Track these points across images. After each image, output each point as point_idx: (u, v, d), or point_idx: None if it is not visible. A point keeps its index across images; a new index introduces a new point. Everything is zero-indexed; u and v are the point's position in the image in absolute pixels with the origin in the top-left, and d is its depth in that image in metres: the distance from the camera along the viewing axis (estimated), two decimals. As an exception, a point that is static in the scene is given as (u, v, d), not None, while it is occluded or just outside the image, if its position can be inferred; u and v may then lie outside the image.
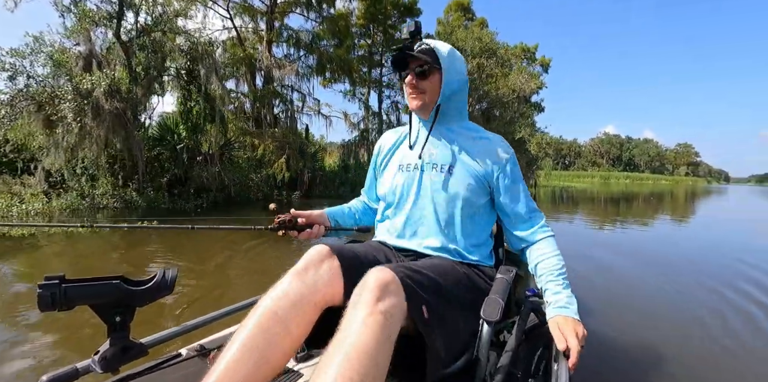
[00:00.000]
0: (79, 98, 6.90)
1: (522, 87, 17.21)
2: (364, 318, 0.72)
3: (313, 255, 0.94)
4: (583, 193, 22.63)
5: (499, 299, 0.94)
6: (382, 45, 19.72)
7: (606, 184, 49.63)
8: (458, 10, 20.74)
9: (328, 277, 0.90)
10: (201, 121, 10.44)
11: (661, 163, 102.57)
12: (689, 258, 4.90)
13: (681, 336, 2.45)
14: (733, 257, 4.86)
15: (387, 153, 1.32)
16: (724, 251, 5.40)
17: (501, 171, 1.16)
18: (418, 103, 1.17)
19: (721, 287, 3.46)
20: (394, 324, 0.75)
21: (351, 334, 0.70)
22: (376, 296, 0.74)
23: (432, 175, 1.16)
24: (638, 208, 13.73)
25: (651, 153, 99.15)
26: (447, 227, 1.15)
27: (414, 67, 1.14)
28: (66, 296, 0.71)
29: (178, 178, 10.15)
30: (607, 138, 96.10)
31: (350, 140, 20.68)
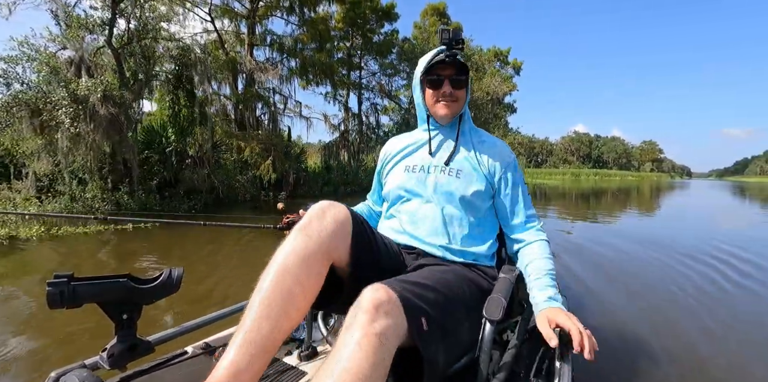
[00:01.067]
0: (74, 104, 7.09)
1: (495, 89, 17.99)
2: (359, 340, 0.70)
3: (315, 209, 0.96)
4: (555, 189, 23.73)
5: (501, 297, 0.94)
6: (361, 48, 20.20)
7: (577, 180, 51.53)
8: (434, 14, 21.48)
9: (332, 227, 0.91)
10: (189, 124, 10.65)
11: (627, 160, 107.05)
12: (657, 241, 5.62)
13: (676, 325, 2.56)
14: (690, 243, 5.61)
15: (393, 158, 1.35)
16: (677, 238, 6.15)
17: (503, 174, 1.20)
18: (450, 112, 1.21)
19: (692, 262, 4.24)
20: (390, 347, 0.73)
21: (344, 358, 0.68)
22: (371, 318, 0.72)
23: (438, 176, 1.20)
24: (606, 203, 14.73)
25: (618, 150, 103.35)
26: (451, 226, 1.17)
27: (450, 75, 1.17)
28: (75, 293, 0.72)
29: (168, 181, 10.35)
30: (577, 136, 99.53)
31: (331, 141, 21.06)
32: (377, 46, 19.99)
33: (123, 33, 8.30)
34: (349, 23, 18.49)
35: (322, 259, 0.88)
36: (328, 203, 0.97)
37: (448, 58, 1.13)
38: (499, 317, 0.88)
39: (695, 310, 2.90)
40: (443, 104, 1.20)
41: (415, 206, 1.20)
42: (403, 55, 20.23)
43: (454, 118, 1.24)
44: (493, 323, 0.90)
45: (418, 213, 1.19)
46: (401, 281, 0.86)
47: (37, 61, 7.32)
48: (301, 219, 0.93)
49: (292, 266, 0.83)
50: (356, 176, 18.86)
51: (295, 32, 16.14)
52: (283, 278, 0.82)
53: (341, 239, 0.93)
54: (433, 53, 1.18)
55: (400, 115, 22.94)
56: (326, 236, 0.89)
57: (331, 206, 0.96)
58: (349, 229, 0.95)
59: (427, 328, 0.81)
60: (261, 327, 0.76)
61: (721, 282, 3.62)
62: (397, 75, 21.65)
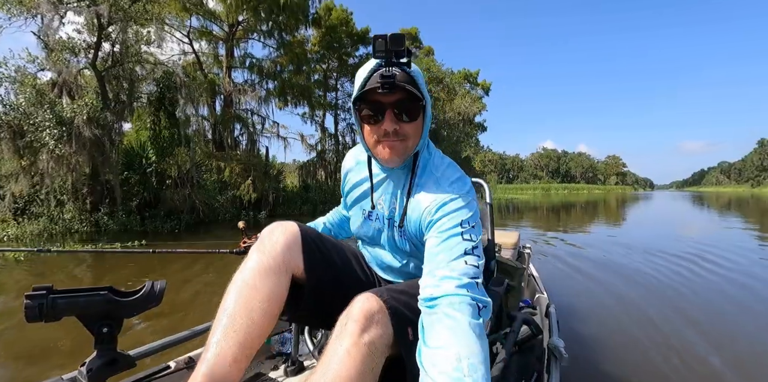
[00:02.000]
0: (59, 126, 7.20)
1: (466, 110, 18.87)
2: (348, 349, 0.70)
3: (266, 230, 0.98)
4: (527, 204, 24.60)
5: None
6: (337, 70, 20.86)
7: (547, 195, 53.31)
8: (407, 39, 22.48)
9: (282, 241, 0.93)
10: (169, 145, 10.78)
11: (594, 174, 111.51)
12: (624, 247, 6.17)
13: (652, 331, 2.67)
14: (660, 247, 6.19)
15: (351, 185, 1.15)
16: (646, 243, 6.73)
17: (437, 219, 0.88)
18: (396, 155, 0.91)
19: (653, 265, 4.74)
20: (378, 356, 0.73)
21: (334, 365, 0.68)
22: (362, 327, 0.72)
23: (394, 232, 1.02)
24: (576, 215, 15.53)
25: (585, 165, 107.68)
26: (418, 272, 0.89)
27: (392, 102, 0.85)
28: (54, 306, 0.71)
29: (148, 202, 10.37)
30: (546, 152, 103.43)
31: (308, 161, 21.35)
32: (352, 68, 20.69)
33: (107, 56, 8.50)
34: (325, 47, 19.13)
35: (279, 272, 0.89)
36: (277, 223, 0.99)
37: (384, 81, 0.79)
38: (487, 331, 0.83)
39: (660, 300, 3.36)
40: (386, 145, 0.89)
41: (379, 254, 1.12)
42: (378, 78, 20.96)
43: (407, 159, 0.94)
44: None
45: (383, 261, 1.11)
46: (390, 290, 0.84)
47: (19, 83, 7.41)
48: (256, 242, 0.96)
49: (250, 279, 0.86)
50: (333, 195, 19.16)
51: (272, 54, 16.66)
52: (241, 292, 0.84)
53: (294, 252, 0.94)
54: (367, 71, 0.84)
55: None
56: (278, 250, 0.91)
57: (279, 225, 0.98)
58: (299, 241, 0.95)
59: (412, 338, 0.77)
60: (228, 338, 0.78)
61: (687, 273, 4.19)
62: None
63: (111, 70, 8.47)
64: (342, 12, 19.36)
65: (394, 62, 0.79)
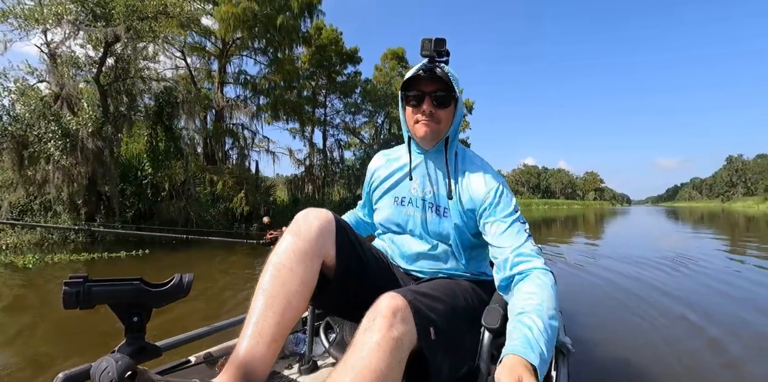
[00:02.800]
0: (64, 138, 7.40)
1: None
2: (378, 341, 0.73)
3: (300, 214, 1.01)
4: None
5: (499, 307, 0.94)
6: (326, 87, 21.42)
7: (528, 210, 54.37)
8: (393, 58, 23.32)
9: (317, 226, 0.96)
10: (165, 158, 10.98)
11: (573, 190, 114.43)
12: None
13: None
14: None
15: (381, 179, 1.27)
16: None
17: (489, 204, 1.07)
18: (430, 130, 1.07)
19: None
20: (404, 350, 0.76)
21: (364, 356, 0.72)
22: (389, 323, 0.76)
23: (427, 214, 1.14)
24: (557, 230, 16.17)
25: (564, 181, 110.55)
26: (445, 260, 1.16)
27: (432, 91, 1.05)
28: (89, 294, 0.74)
29: (143, 213, 10.47)
30: (526, 169, 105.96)
31: (297, 175, 21.62)
32: (341, 85, 21.30)
33: (110, 71, 8.77)
34: (315, 64, 19.70)
35: (313, 255, 0.93)
36: (311, 209, 1.03)
37: (425, 72, 1.02)
38: (497, 325, 0.89)
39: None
40: (423, 124, 1.07)
41: (406, 241, 1.18)
42: (366, 96, 21.62)
43: (439, 143, 1.11)
44: (492, 332, 0.91)
45: (411, 248, 1.17)
46: (413, 292, 0.89)
47: (21, 94, 7.60)
48: (290, 224, 0.99)
49: (286, 261, 0.90)
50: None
51: (263, 71, 17.10)
52: (279, 273, 0.88)
53: (327, 238, 0.97)
54: (416, 67, 1.05)
55: (362, 150, 24.00)
56: (313, 234, 0.94)
57: (313, 210, 1.01)
58: (332, 228, 1.00)
59: (434, 337, 0.84)
60: (267, 318, 0.83)
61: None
62: (359, 113, 22.92)
63: (113, 85, 8.73)
64: (332, 32, 20.04)
65: (436, 60, 1.01)
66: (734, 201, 68.22)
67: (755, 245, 8.15)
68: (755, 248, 7.60)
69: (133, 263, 6.26)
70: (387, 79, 21.16)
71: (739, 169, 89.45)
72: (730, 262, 5.85)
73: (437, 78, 1.02)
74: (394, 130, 23.57)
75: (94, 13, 7.03)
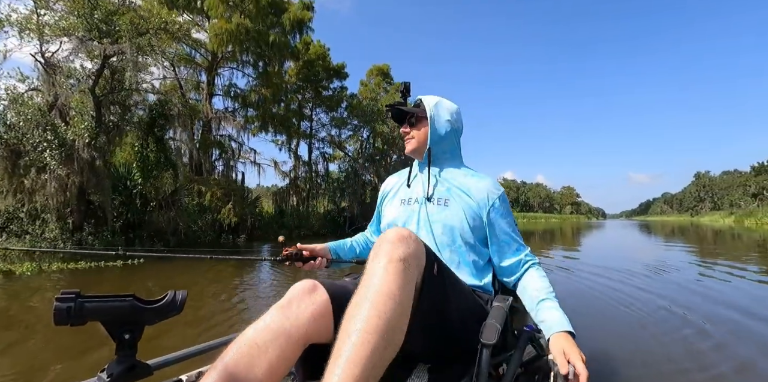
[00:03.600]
0: (60, 148, 7.51)
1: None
2: (385, 265, 0.76)
3: (297, 289, 0.94)
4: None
5: (496, 324, 0.95)
6: (312, 101, 21.81)
7: (508, 223, 55.37)
8: (379, 74, 23.95)
9: (311, 311, 0.89)
10: (155, 168, 11.07)
11: (550, 204, 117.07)
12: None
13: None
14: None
15: (390, 193, 1.46)
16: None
17: (491, 207, 1.23)
18: (409, 147, 1.35)
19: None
20: (413, 270, 0.79)
21: (374, 282, 0.75)
22: (395, 246, 0.79)
23: (430, 207, 1.26)
24: (535, 242, 16.77)
25: (542, 195, 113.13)
26: (444, 253, 1.22)
27: (407, 119, 1.34)
28: (81, 310, 0.72)
29: (131, 224, 10.49)
30: (506, 183, 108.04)
31: (282, 187, 21.74)
32: (327, 100, 21.73)
33: (106, 82, 8.94)
34: (303, 79, 20.10)
35: (297, 342, 0.85)
36: (310, 285, 0.95)
37: (400, 105, 1.33)
38: (494, 341, 0.89)
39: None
40: (406, 141, 1.36)
41: None
42: (352, 111, 22.11)
43: (423, 154, 1.34)
44: (489, 347, 0.90)
45: None
46: None
47: (13, 102, 7.69)
48: (281, 299, 0.93)
49: (262, 342, 0.81)
50: (308, 220, 19.56)
51: (251, 82, 17.32)
52: (249, 351, 0.79)
53: (321, 324, 0.90)
54: (393, 102, 1.36)
55: (347, 163, 24.31)
56: (305, 319, 0.87)
57: (312, 289, 0.94)
58: (330, 313, 0.92)
59: (436, 273, 0.87)
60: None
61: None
62: (345, 127, 23.32)
63: (109, 96, 8.89)
64: (320, 47, 20.55)
65: (406, 95, 1.37)
66: (702, 215, 71.12)
67: (722, 255, 8.82)
68: (723, 256, 8.23)
69: (126, 272, 6.36)
70: (373, 96, 21.69)
71: (706, 185, 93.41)
72: (699, 267, 6.44)
73: (404, 110, 1.33)
74: (378, 145, 23.99)
75: (99, 29, 7.25)
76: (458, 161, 1.38)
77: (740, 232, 19.08)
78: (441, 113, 1.29)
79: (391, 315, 0.72)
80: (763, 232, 18.21)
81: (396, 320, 0.73)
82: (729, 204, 64.14)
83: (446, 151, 1.34)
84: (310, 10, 17.57)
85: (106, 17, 7.25)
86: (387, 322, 0.71)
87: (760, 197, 49.24)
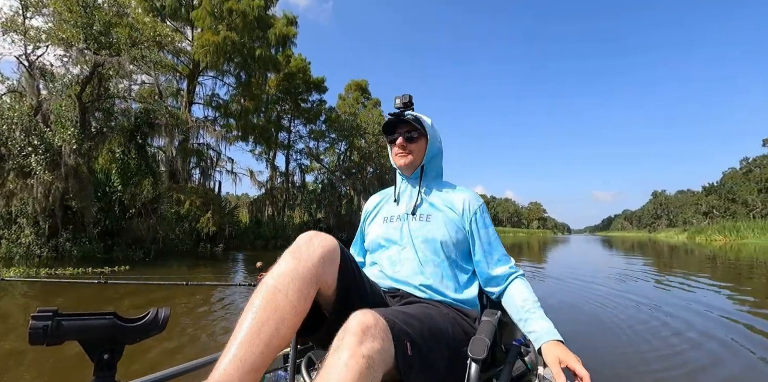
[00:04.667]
0: (46, 153, 7.55)
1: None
2: (347, 361, 0.71)
3: (303, 237, 0.99)
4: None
5: (485, 338, 0.94)
6: (291, 112, 22.10)
7: (479, 237, 56.62)
8: (357, 89, 24.59)
9: (319, 254, 0.92)
10: (135, 175, 11.08)
11: (518, 219, 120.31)
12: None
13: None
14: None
15: (373, 211, 1.45)
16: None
17: (473, 217, 1.27)
18: (406, 161, 1.31)
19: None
20: (377, 370, 0.75)
21: (332, 379, 0.70)
22: (359, 339, 0.74)
23: (413, 223, 1.28)
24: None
25: (511, 210, 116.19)
26: (428, 267, 1.22)
27: (403, 132, 1.30)
28: (58, 329, 0.69)
29: (109, 230, 10.41)
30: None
31: (258, 197, 21.73)
32: (306, 111, 22.09)
33: (93, 89, 9.01)
34: (283, 91, 20.41)
35: (311, 282, 0.89)
36: (314, 232, 1.00)
37: (397, 117, 1.28)
38: (483, 355, 0.88)
39: None
40: (400, 156, 1.31)
41: (394, 252, 1.27)
42: (331, 124, 22.55)
43: (416, 169, 1.34)
44: (478, 363, 0.89)
45: (397, 257, 1.25)
46: (388, 309, 0.92)
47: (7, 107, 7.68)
48: (291, 245, 0.96)
49: (282, 286, 0.85)
50: (284, 231, 19.63)
51: (230, 91, 17.44)
52: (274, 297, 0.83)
53: (329, 264, 0.94)
54: (390, 113, 1.31)
55: (324, 175, 24.59)
56: (315, 259, 0.91)
57: (318, 235, 0.99)
58: (336, 255, 0.97)
59: (411, 353, 0.84)
60: (252, 344, 0.77)
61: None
62: (323, 139, 23.68)
63: (95, 103, 8.97)
64: (301, 61, 20.99)
65: (404, 110, 1.29)
66: (659, 231, 74.96)
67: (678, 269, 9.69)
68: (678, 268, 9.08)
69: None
70: (352, 111, 22.24)
71: (663, 203, 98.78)
72: (657, 275, 7.14)
73: (406, 122, 1.30)
74: (355, 158, 24.41)
75: (98, 40, 7.40)
76: (440, 179, 1.42)
77: (693, 247, 20.50)
78: (435, 134, 1.35)
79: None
80: (712, 248, 19.66)
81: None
82: (683, 221, 68.05)
83: (434, 169, 1.39)
84: (294, 26, 18.06)
85: (105, 29, 7.41)
86: None
87: (710, 215, 52.60)
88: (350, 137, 22.85)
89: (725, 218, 46.42)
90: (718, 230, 32.32)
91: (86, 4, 7.35)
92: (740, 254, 14.15)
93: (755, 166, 50.45)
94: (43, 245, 8.97)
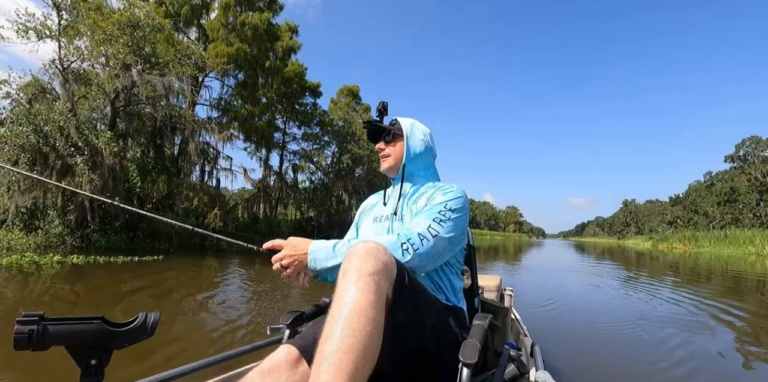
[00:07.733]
0: (90, 153, 8.54)
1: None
2: (356, 282, 0.76)
3: (279, 357, 0.96)
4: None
5: (476, 342, 0.93)
6: (286, 115, 23.04)
7: (458, 239, 58.20)
8: (349, 94, 25.71)
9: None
10: (151, 172, 12.06)
11: (496, 222, 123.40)
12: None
13: None
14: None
15: (366, 211, 1.50)
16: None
17: (428, 202, 1.23)
18: (385, 164, 1.36)
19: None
20: (383, 285, 0.79)
21: (346, 300, 0.75)
22: (364, 260, 0.79)
23: (395, 223, 1.29)
24: (480, 257, 18.99)
25: (489, 213, 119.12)
26: None
27: (383, 136, 1.37)
28: (44, 334, 0.67)
29: (129, 223, 11.36)
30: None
31: (253, 195, 22.61)
32: (300, 114, 23.09)
33: (124, 95, 9.98)
34: (280, 94, 21.36)
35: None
36: (294, 356, 0.99)
37: (376, 123, 1.34)
38: (475, 360, 0.87)
39: None
40: (382, 159, 1.37)
41: None
42: (324, 127, 23.63)
43: (398, 171, 1.36)
44: (470, 367, 0.88)
45: None
46: None
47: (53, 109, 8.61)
48: (263, 362, 0.97)
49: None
50: (279, 227, 20.67)
51: (235, 95, 18.27)
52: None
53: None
54: (368, 121, 1.36)
55: (316, 176, 25.62)
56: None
57: (296, 364, 0.98)
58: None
59: (408, 284, 0.88)
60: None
61: None
62: (316, 142, 24.71)
63: (126, 108, 9.96)
64: (298, 66, 21.97)
65: (382, 115, 1.37)
66: (628, 238, 78.28)
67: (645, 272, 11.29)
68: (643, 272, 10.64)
69: (126, 267, 7.11)
70: (342, 116, 23.31)
71: (632, 211, 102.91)
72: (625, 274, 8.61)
73: (383, 128, 1.36)
74: (348, 161, 25.52)
75: (150, 61, 8.37)
76: (431, 179, 1.39)
77: (657, 254, 22.28)
78: (416, 132, 1.34)
79: (366, 333, 0.73)
80: (673, 255, 21.48)
81: (370, 337, 0.73)
82: (649, 230, 71.46)
83: (420, 169, 1.37)
84: (295, 34, 19.10)
85: (153, 51, 8.40)
86: (362, 340, 0.72)
87: (674, 225, 55.64)
88: (345, 143, 23.95)
89: (687, 227, 49.29)
90: (679, 239, 34.42)
91: (132, 23, 8.34)
92: (698, 261, 15.85)
93: (717, 180, 53.73)
94: (73, 235, 9.89)
